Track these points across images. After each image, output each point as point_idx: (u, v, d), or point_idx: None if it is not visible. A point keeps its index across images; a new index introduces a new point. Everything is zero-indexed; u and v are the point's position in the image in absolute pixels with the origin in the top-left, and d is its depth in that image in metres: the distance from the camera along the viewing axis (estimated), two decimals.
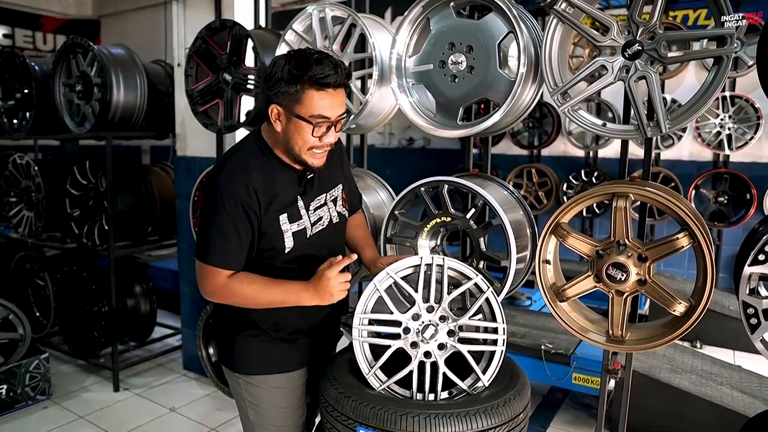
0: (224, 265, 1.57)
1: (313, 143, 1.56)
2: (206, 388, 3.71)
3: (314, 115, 1.51)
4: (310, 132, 1.53)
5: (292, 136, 1.56)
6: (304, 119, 1.52)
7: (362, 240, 1.95)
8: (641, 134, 1.82)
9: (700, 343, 4.31)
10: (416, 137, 7.16)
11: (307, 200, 1.68)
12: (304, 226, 1.67)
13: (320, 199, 1.72)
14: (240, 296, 1.60)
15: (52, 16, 8.27)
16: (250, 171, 1.58)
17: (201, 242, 1.60)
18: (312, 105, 1.50)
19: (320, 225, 1.72)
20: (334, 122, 1.56)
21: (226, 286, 1.59)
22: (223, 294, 1.60)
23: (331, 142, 1.60)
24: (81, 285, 4.02)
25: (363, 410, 1.52)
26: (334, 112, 1.54)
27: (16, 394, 3.36)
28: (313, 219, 1.70)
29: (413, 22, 2.18)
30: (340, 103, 1.55)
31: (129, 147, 7.23)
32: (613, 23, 1.79)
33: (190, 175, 3.60)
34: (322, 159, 1.62)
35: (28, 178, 4.08)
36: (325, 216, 1.73)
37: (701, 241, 1.68)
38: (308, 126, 1.52)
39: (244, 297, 1.60)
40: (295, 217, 1.65)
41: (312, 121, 1.52)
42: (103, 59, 3.46)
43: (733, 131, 4.97)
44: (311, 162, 1.60)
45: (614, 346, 1.88)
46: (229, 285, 1.58)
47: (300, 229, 1.66)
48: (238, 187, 1.55)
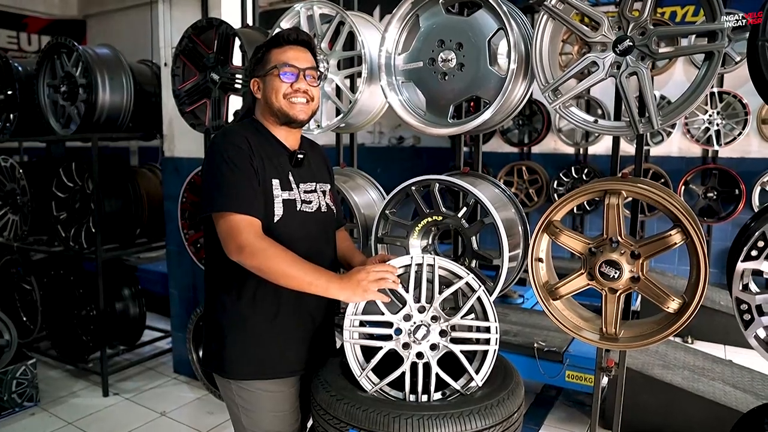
0: (246, 211, 1.54)
1: (285, 90, 1.65)
2: (197, 391, 3.67)
3: (279, 63, 1.65)
4: (279, 80, 1.64)
5: (268, 94, 1.67)
6: (271, 69, 1.66)
7: (349, 249, 1.98)
8: (633, 130, 1.81)
9: (692, 339, 4.33)
10: (406, 136, 7.15)
11: (297, 178, 1.71)
12: (294, 197, 1.68)
13: (311, 184, 1.76)
14: (270, 258, 1.51)
15: (37, 17, 8.16)
16: (247, 133, 1.66)
17: (216, 194, 1.56)
18: (276, 59, 1.66)
19: (309, 207, 1.72)
20: (301, 70, 1.66)
21: (257, 241, 1.52)
22: (252, 251, 1.51)
23: (304, 89, 1.66)
24: (68, 289, 3.97)
25: (355, 413, 1.50)
26: (299, 63, 1.66)
27: (2, 401, 3.30)
28: (303, 197, 1.71)
29: (402, 20, 2.15)
30: (304, 57, 1.68)
31: (116, 148, 7.17)
32: (603, 19, 1.78)
33: (179, 176, 3.56)
34: (303, 111, 1.68)
35: (13, 181, 4.01)
36: (315, 201, 1.75)
37: (694, 237, 1.67)
38: (276, 75, 1.64)
39: (275, 260, 1.51)
40: (285, 186, 1.67)
41: (278, 67, 1.64)
42: (88, 59, 3.41)
43: (721, 127, 5.01)
44: (294, 114, 1.67)
45: (608, 344, 1.87)
46: (261, 241, 1.53)
47: (290, 199, 1.67)
48: (238, 139, 1.62)
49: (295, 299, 1.67)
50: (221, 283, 1.70)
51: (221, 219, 1.55)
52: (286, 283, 1.54)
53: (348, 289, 1.55)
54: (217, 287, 1.72)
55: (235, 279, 1.65)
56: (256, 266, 1.53)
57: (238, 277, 1.64)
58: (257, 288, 1.65)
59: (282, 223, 1.64)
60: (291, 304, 1.68)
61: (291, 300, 1.67)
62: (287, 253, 1.53)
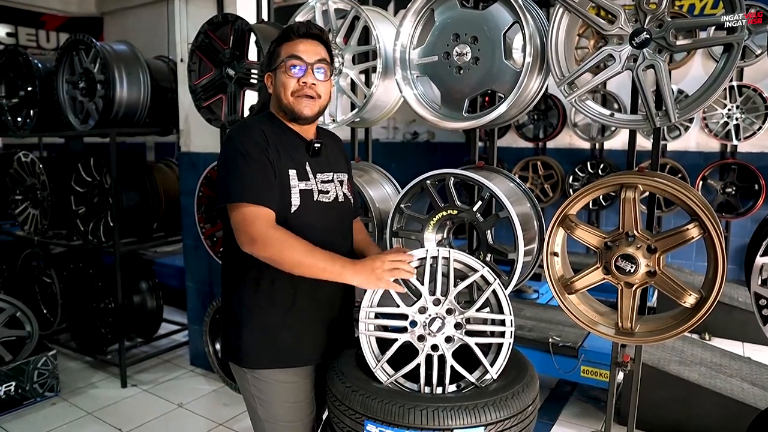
0: (259, 202, 1.55)
1: (294, 86, 1.65)
2: (213, 383, 3.71)
3: (286, 57, 1.65)
4: (287, 74, 1.65)
5: (278, 90, 1.68)
6: (280, 63, 1.66)
7: (365, 241, 1.98)
8: (650, 124, 1.79)
9: (709, 335, 4.28)
10: (420, 131, 7.14)
11: (314, 168, 1.72)
12: (311, 187, 1.69)
13: (328, 174, 1.76)
14: (283, 248, 1.51)
15: (55, 14, 8.28)
16: (263, 126, 1.67)
17: (230, 185, 1.58)
18: (285, 52, 1.67)
19: (326, 197, 1.72)
20: (310, 64, 1.65)
21: (270, 232, 1.53)
22: (264, 242, 1.52)
23: (311, 84, 1.66)
24: (87, 282, 4.03)
25: (371, 404, 1.51)
26: (308, 56, 1.66)
27: (24, 390, 3.37)
28: (321, 187, 1.72)
29: (417, 14, 2.16)
30: (314, 50, 1.67)
31: (133, 144, 7.25)
32: (620, 12, 1.77)
33: (195, 171, 3.59)
34: (310, 108, 1.68)
35: (33, 176, 4.08)
36: (332, 191, 1.75)
37: (712, 231, 1.66)
38: (284, 70, 1.65)
39: (288, 250, 1.51)
40: (303, 176, 1.68)
41: (286, 61, 1.64)
42: (106, 56, 3.46)
43: (740, 121, 4.93)
44: (299, 110, 1.67)
45: (623, 339, 1.86)
46: (274, 232, 1.53)
47: (307, 189, 1.67)
48: (254, 132, 1.63)
49: (311, 290, 1.69)
50: (238, 275, 1.72)
51: (234, 210, 1.57)
52: (300, 272, 1.54)
53: (362, 274, 1.55)
54: (233, 279, 1.74)
55: (251, 270, 1.67)
56: (268, 257, 1.54)
57: (253, 268, 1.66)
58: (273, 279, 1.66)
59: (299, 213, 1.65)
60: (307, 296, 1.69)
61: (307, 291, 1.69)
62: (300, 242, 1.53)
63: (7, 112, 4.05)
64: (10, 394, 3.31)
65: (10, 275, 4.63)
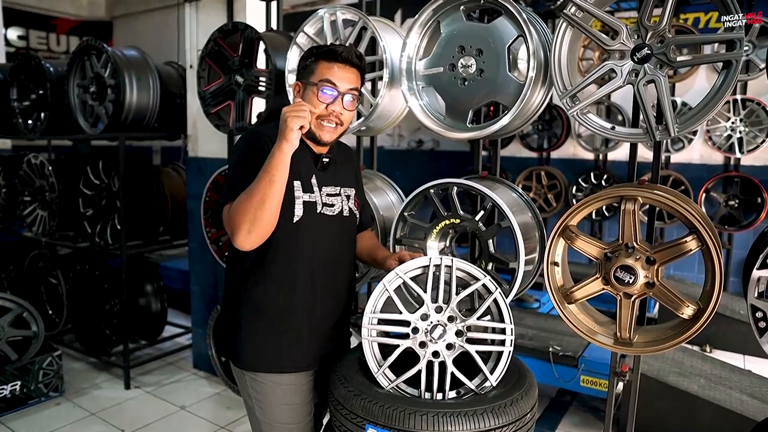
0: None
1: (321, 111, 1.66)
2: (216, 386, 3.74)
3: (321, 80, 1.65)
4: (316, 97, 1.64)
5: None
6: (313, 84, 1.66)
7: (374, 246, 2.00)
8: (650, 138, 1.82)
9: (710, 348, 4.28)
10: (425, 139, 7.18)
11: (321, 182, 1.74)
12: (315, 200, 1.72)
13: (335, 188, 1.79)
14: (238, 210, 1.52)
15: (65, 18, 8.37)
16: (272, 134, 1.61)
17: (225, 189, 1.64)
18: (321, 72, 1.66)
19: (331, 210, 1.76)
20: (341, 93, 1.66)
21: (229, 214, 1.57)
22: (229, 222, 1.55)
23: (338, 113, 1.67)
24: (93, 284, 4.08)
25: (372, 408, 1.54)
26: (342, 83, 1.66)
27: (29, 390, 3.41)
28: (325, 200, 1.75)
29: (424, 26, 2.20)
30: (348, 78, 1.67)
31: (139, 147, 7.31)
32: (622, 27, 1.80)
33: (202, 176, 3.64)
34: (330, 133, 1.70)
35: (42, 178, 4.14)
36: (337, 205, 1.78)
37: (709, 244, 1.68)
38: (317, 92, 1.64)
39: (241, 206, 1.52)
40: (307, 188, 1.70)
41: (318, 84, 1.64)
42: (116, 61, 3.51)
43: (744, 134, 4.95)
44: (320, 135, 1.68)
45: (622, 349, 1.88)
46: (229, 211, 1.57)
47: (311, 201, 1.71)
48: (261, 140, 1.65)
49: (310, 297, 1.73)
50: (240, 278, 1.76)
51: (224, 211, 1.62)
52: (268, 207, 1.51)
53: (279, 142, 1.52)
54: (236, 281, 1.78)
55: (252, 274, 1.72)
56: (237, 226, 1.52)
57: (254, 272, 1.71)
58: (273, 283, 1.70)
59: (301, 223, 1.69)
60: (306, 301, 1.73)
61: (306, 297, 1.73)
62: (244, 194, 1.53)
63: (18, 114, 4.11)
64: (16, 393, 3.35)
65: (17, 276, 4.68)
